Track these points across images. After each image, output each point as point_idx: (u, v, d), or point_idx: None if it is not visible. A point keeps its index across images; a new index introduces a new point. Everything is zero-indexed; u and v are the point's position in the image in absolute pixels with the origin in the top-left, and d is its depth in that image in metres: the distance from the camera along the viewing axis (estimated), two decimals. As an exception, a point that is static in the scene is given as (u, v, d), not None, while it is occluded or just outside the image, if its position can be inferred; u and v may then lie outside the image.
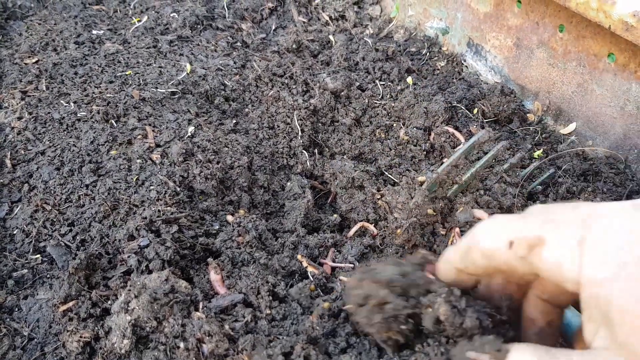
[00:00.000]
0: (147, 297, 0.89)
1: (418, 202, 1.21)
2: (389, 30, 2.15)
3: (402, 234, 1.20)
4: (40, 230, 1.22)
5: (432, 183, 1.22)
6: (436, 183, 1.22)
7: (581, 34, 1.49)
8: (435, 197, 1.24)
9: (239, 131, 1.62)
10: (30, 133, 1.49)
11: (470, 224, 1.15)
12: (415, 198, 1.22)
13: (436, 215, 1.23)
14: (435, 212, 1.22)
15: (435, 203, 1.23)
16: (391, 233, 1.24)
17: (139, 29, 2.06)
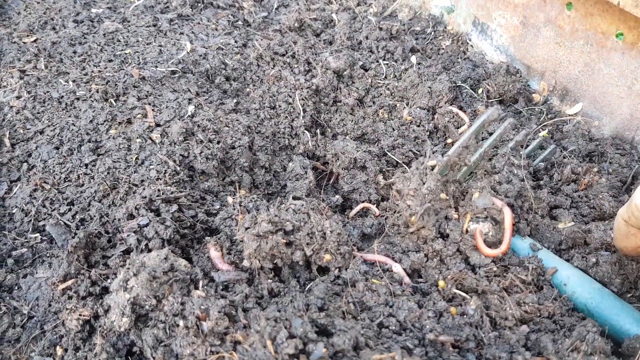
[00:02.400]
0: (146, 276, 0.88)
1: (431, 187, 1.17)
2: (393, 9, 2.11)
3: (417, 221, 1.17)
4: (40, 209, 1.21)
5: (444, 167, 1.19)
6: (447, 166, 1.19)
7: (589, 11, 1.45)
8: (446, 180, 1.21)
9: (240, 111, 1.60)
10: (29, 112, 1.47)
11: (488, 210, 1.13)
12: (427, 183, 1.18)
13: (449, 199, 1.20)
14: (448, 196, 1.20)
15: (447, 187, 1.20)
16: (405, 222, 1.21)
17: (139, 7, 2.03)
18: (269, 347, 0.76)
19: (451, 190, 1.21)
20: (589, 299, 1.02)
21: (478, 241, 1.10)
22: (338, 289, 1.00)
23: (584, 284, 1.04)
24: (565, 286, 1.06)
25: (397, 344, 0.85)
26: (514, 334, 0.93)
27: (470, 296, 0.99)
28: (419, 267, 1.07)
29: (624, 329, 0.97)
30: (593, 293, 1.02)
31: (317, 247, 1.02)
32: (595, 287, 1.03)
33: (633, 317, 0.97)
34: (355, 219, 1.30)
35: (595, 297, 1.01)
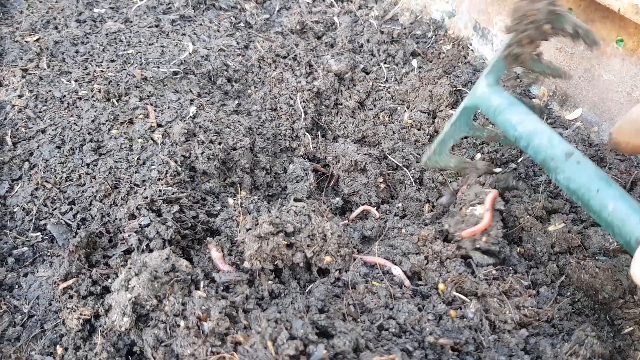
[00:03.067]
0: (147, 276, 0.88)
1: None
2: (394, 13, 2.12)
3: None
4: (41, 208, 1.22)
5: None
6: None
7: (590, 17, 1.46)
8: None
9: (241, 112, 1.60)
10: (31, 111, 1.48)
11: (479, 195, 1.16)
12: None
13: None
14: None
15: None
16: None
17: (141, 8, 2.03)
18: (269, 348, 0.77)
19: None
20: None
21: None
22: (338, 290, 1.00)
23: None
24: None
25: (397, 347, 0.85)
26: (513, 338, 0.93)
27: (469, 299, 0.99)
28: (419, 269, 1.08)
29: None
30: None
31: (318, 249, 1.03)
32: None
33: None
34: (355, 221, 1.30)
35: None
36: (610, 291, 1.03)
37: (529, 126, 0.99)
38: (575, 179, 0.91)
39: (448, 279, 1.03)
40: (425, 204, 1.39)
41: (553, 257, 1.17)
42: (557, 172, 0.94)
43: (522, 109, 1.03)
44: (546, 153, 0.95)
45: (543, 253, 1.17)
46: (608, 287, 1.03)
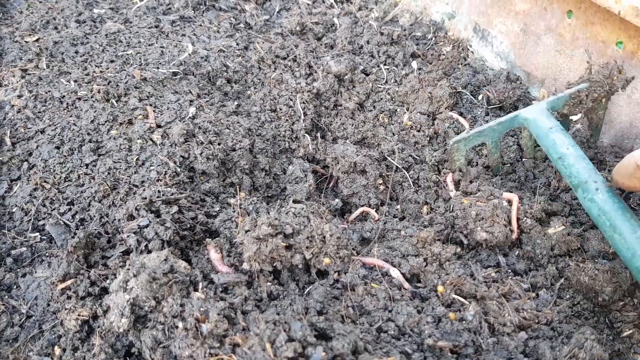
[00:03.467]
0: (146, 277, 0.88)
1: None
2: (394, 14, 2.12)
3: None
4: (40, 209, 1.21)
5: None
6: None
7: (590, 20, 1.46)
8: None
9: (240, 113, 1.60)
10: (30, 111, 1.47)
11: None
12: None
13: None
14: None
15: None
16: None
17: (141, 9, 2.03)
18: (268, 350, 0.76)
19: None
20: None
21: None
22: (337, 292, 1.00)
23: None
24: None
25: (395, 349, 0.85)
26: (513, 340, 0.93)
27: (469, 302, 0.99)
28: (418, 271, 1.07)
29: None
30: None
31: (317, 251, 1.03)
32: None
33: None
34: (354, 223, 1.30)
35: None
36: (609, 294, 1.03)
37: (575, 151, 1.17)
38: (600, 207, 1.06)
39: (447, 281, 1.03)
40: (424, 206, 1.38)
41: (552, 259, 1.17)
42: (585, 196, 1.10)
43: (568, 136, 1.22)
44: (580, 178, 1.12)
45: (542, 255, 1.17)
46: (607, 289, 1.03)
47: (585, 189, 1.10)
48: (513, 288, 1.03)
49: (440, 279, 1.05)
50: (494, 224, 1.16)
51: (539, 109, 1.29)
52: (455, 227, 1.22)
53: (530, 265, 1.16)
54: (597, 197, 1.07)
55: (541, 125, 1.25)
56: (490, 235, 1.15)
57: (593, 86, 1.34)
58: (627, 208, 1.04)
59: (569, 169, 1.15)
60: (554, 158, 1.20)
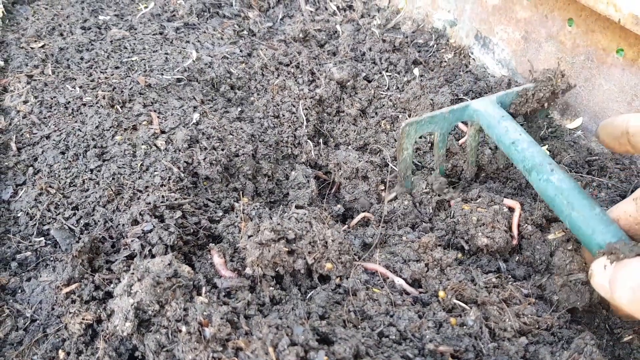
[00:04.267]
0: (150, 281, 0.89)
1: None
2: (396, 22, 2.14)
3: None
4: (45, 214, 1.23)
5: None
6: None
7: (590, 27, 1.47)
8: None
9: (244, 119, 1.61)
10: (35, 117, 1.49)
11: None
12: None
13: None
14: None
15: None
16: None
17: (146, 15, 2.05)
18: (270, 354, 0.77)
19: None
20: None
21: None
22: (339, 297, 1.01)
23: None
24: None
25: (397, 353, 0.86)
26: (513, 346, 0.94)
27: (470, 307, 1.00)
28: (419, 277, 1.08)
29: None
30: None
31: (319, 256, 1.03)
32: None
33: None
34: (356, 228, 1.31)
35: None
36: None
37: (526, 137, 1.19)
38: (556, 187, 1.06)
39: (448, 286, 1.03)
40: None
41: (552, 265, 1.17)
42: (540, 178, 1.10)
43: (518, 125, 1.25)
44: (534, 161, 1.12)
45: (542, 261, 1.17)
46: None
47: (540, 171, 1.10)
48: (513, 293, 1.03)
49: (441, 284, 1.05)
50: (494, 230, 1.17)
51: (489, 101, 1.31)
52: (456, 232, 1.23)
53: (530, 270, 1.17)
54: (553, 178, 1.07)
55: (492, 114, 1.27)
56: (491, 240, 1.15)
57: (539, 86, 1.37)
58: (582, 189, 1.04)
59: (522, 153, 1.15)
60: (506, 144, 1.20)
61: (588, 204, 1.00)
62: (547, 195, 1.09)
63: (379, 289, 1.03)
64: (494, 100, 1.32)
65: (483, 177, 1.48)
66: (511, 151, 1.19)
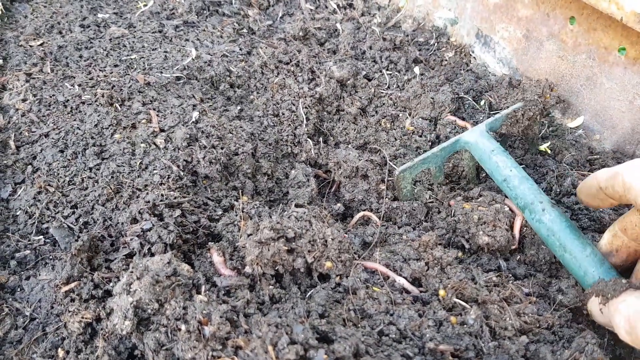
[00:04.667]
0: (149, 279, 0.89)
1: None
2: (397, 20, 2.14)
3: None
4: (44, 212, 1.22)
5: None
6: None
7: (592, 26, 1.47)
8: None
9: (243, 118, 1.61)
10: (34, 115, 1.49)
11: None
12: None
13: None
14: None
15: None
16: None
17: (145, 13, 2.05)
18: (270, 352, 0.77)
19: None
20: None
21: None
22: (339, 296, 1.01)
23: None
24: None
25: (397, 352, 0.86)
26: (514, 344, 0.93)
27: (470, 306, 1.00)
28: (419, 275, 1.08)
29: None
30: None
31: (319, 255, 1.03)
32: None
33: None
34: (356, 227, 1.31)
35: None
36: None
37: (518, 173, 1.21)
38: (548, 228, 1.09)
39: (449, 285, 1.03)
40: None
41: (554, 265, 1.17)
42: (533, 217, 1.13)
43: (510, 157, 1.27)
44: (526, 200, 1.15)
45: (545, 261, 1.17)
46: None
47: (532, 210, 1.12)
48: (514, 292, 1.03)
49: (441, 283, 1.05)
50: (495, 228, 1.16)
51: (479, 132, 1.34)
52: (457, 231, 1.22)
53: (531, 270, 1.17)
54: (544, 218, 1.09)
55: (483, 148, 1.29)
56: (492, 239, 1.15)
57: (528, 105, 1.42)
58: (574, 226, 1.07)
59: (514, 191, 1.18)
60: (498, 180, 1.24)
61: (580, 244, 1.03)
62: (540, 234, 1.12)
63: (379, 288, 1.03)
64: (483, 130, 1.34)
65: (484, 176, 1.48)
66: (503, 188, 1.22)
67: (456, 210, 1.25)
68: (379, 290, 1.01)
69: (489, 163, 1.27)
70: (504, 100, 1.62)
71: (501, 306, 1.00)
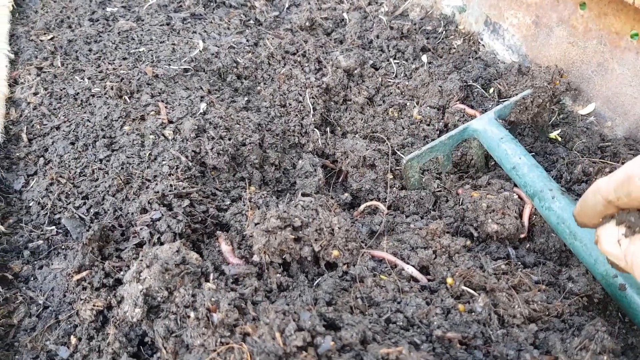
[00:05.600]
0: (158, 268, 0.90)
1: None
2: (404, 9, 2.12)
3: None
4: (55, 203, 1.24)
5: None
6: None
7: (603, 11, 1.45)
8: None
9: (250, 109, 1.61)
10: (45, 108, 1.50)
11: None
12: None
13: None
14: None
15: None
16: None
17: (153, 7, 2.06)
18: (277, 339, 0.78)
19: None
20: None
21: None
22: (346, 284, 1.01)
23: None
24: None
25: (404, 339, 0.86)
26: (522, 332, 0.93)
27: (478, 293, 0.99)
28: (427, 264, 1.08)
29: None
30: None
31: (326, 243, 1.03)
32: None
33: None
34: (363, 216, 1.31)
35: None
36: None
37: (527, 160, 1.20)
38: (558, 215, 1.08)
39: (456, 273, 1.03)
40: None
41: (564, 253, 1.16)
42: (543, 205, 1.12)
43: (519, 145, 1.26)
44: (536, 187, 1.13)
45: (555, 249, 1.16)
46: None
47: (541, 198, 1.11)
48: (523, 280, 1.02)
49: (449, 271, 1.05)
50: (504, 216, 1.16)
51: (488, 120, 1.32)
52: (465, 219, 1.22)
53: (541, 258, 1.16)
54: (554, 205, 1.08)
55: (491, 136, 1.28)
56: (501, 227, 1.15)
57: (537, 92, 1.40)
58: None
59: (523, 179, 1.17)
60: (507, 168, 1.23)
61: (589, 233, 1.01)
62: (550, 222, 1.10)
63: (386, 276, 1.03)
64: (492, 117, 1.33)
65: (493, 164, 1.47)
66: (512, 176, 1.21)
67: (464, 199, 1.25)
68: (386, 279, 1.01)
69: (497, 151, 1.26)
70: (513, 87, 1.60)
71: (510, 294, 0.99)
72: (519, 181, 1.19)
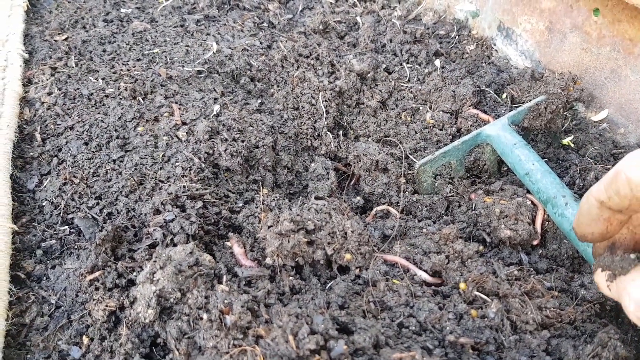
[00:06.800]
0: (172, 269, 0.90)
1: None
2: (417, 13, 2.12)
3: None
4: (69, 203, 1.25)
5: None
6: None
7: (617, 17, 1.44)
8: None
9: (263, 111, 1.62)
10: (59, 108, 1.52)
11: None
12: None
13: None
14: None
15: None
16: None
17: (167, 8, 2.07)
18: (290, 342, 0.78)
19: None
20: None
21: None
22: (359, 288, 1.01)
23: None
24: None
25: (417, 344, 0.86)
26: (535, 339, 0.92)
27: (491, 299, 0.99)
28: (439, 268, 1.07)
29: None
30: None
31: (338, 247, 1.03)
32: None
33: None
34: (376, 220, 1.31)
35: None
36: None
37: (540, 166, 1.19)
38: (571, 222, 1.07)
39: (469, 278, 1.02)
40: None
41: (576, 260, 1.16)
42: (555, 212, 1.11)
43: (533, 151, 1.25)
44: (549, 194, 1.13)
45: (567, 255, 1.16)
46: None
47: (554, 204, 1.11)
48: (536, 286, 1.02)
49: (462, 276, 1.04)
50: (517, 222, 1.15)
51: (501, 125, 1.32)
52: (478, 224, 1.21)
53: (553, 264, 1.15)
54: (567, 212, 1.08)
55: (505, 142, 1.28)
56: (514, 232, 1.14)
57: (551, 98, 1.39)
58: None
59: (536, 185, 1.17)
60: (520, 174, 1.22)
61: None
62: (562, 229, 1.10)
63: (399, 280, 1.03)
64: (505, 123, 1.33)
65: (506, 170, 1.46)
66: (525, 182, 1.21)
67: (477, 204, 1.25)
68: (398, 283, 1.01)
69: (510, 157, 1.25)
70: (526, 93, 1.60)
71: (522, 300, 0.99)
72: (532, 187, 1.19)
